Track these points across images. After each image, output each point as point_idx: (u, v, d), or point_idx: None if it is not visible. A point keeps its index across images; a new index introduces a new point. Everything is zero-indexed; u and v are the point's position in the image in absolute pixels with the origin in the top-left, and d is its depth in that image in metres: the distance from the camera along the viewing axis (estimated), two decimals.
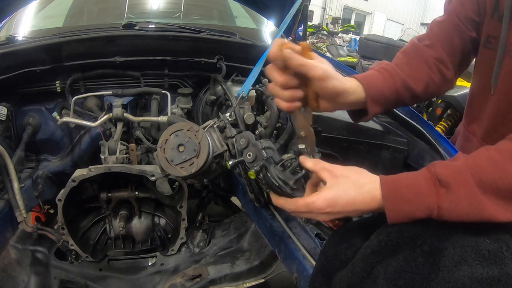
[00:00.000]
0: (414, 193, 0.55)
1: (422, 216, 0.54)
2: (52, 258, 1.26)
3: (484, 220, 0.52)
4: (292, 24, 1.75)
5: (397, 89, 0.77)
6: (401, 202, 0.55)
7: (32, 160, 1.35)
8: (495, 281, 0.45)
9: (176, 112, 1.38)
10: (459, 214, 0.52)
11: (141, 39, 1.37)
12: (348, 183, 0.60)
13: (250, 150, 0.69)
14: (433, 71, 0.83)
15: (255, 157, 0.67)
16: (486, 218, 0.51)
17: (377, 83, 0.75)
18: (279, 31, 1.21)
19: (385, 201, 0.56)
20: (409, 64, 0.82)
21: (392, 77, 0.78)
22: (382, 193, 0.57)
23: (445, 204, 0.52)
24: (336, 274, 0.63)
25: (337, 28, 10.83)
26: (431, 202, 0.53)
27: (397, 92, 0.77)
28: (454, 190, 0.52)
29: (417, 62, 0.83)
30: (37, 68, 1.23)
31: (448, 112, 3.72)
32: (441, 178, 0.54)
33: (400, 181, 0.57)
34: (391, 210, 0.56)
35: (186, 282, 1.21)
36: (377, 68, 0.80)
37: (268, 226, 1.00)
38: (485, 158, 0.54)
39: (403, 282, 0.51)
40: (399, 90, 0.78)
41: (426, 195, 0.54)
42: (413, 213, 0.54)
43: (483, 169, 0.53)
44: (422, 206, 0.54)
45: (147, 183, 1.19)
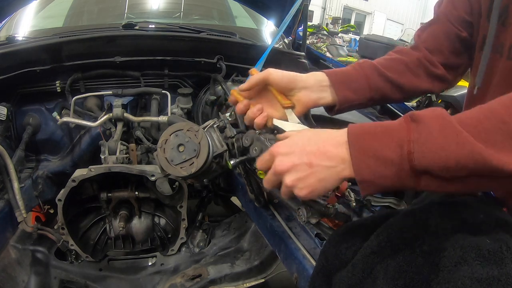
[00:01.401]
0: (382, 129, 0.49)
1: (391, 155, 0.47)
2: (52, 258, 1.26)
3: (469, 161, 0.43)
4: (292, 24, 1.75)
5: (367, 75, 0.78)
6: (368, 137, 0.49)
7: (32, 160, 1.35)
8: (495, 281, 0.45)
9: (176, 112, 1.38)
10: (433, 149, 0.45)
11: (141, 39, 1.37)
12: (308, 130, 0.60)
13: (255, 145, 0.70)
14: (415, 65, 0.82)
15: (260, 150, 0.68)
16: (470, 154, 0.43)
17: (341, 70, 0.77)
18: (279, 31, 1.21)
19: (350, 138, 0.50)
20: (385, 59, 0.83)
21: (360, 65, 0.79)
22: (348, 131, 0.51)
23: (415, 135, 0.46)
24: (336, 274, 0.63)
25: (337, 28, 10.84)
26: (401, 136, 0.47)
27: (367, 77, 0.77)
28: (427, 122, 0.46)
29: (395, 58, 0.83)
30: (37, 68, 1.23)
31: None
32: (414, 114, 0.48)
33: (369, 124, 0.52)
34: (355, 148, 0.49)
35: (186, 282, 1.21)
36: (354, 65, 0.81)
37: (268, 226, 1.00)
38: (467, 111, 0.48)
39: (403, 282, 0.51)
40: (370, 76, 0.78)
41: (395, 130, 0.48)
42: (380, 151, 0.48)
43: (465, 113, 0.47)
44: (390, 141, 0.47)
45: (147, 183, 1.19)
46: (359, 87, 0.77)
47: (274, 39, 1.26)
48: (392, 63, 0.82)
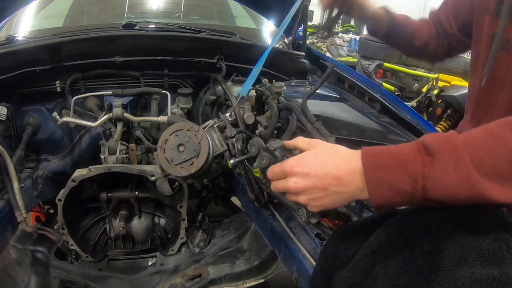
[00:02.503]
0: (397, 161, 0.50)
1: (406, 188, 0.49)
2: (52, 258, 1.26)
3: (475, 198, 0.47)
4: (292, 24, 1.75)
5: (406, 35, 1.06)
6: (383, 171, 0.50)
7: (32, 160, 1.35)
8: (495, 281, 0.45)
9: (176, 112, 1.38)
10: (447, 187, 0.47)
11: (141, 39, 1.37)
12: (322, 147, 0.59)
13: (262, 156, 0.69)
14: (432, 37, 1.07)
15: (268, 162, 0.67)
16: (478, 195, 0.46)
17: None
18: (279, 31, 1.21)
19: (365, 169, 0.52)
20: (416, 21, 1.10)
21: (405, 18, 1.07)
22: (362, 160, 0.52)
23: (431, 173, 0.47)
24: (336, 274, 0.63)
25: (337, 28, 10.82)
26: (416, 171, 0.48)
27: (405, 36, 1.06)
28: (441, 158, 0.47)
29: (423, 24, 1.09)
30: (37, 68, 1.23)
31: (448, 112, 3.73)
32: (427, 145, 0.49)
33: (383, 150, 0.53)
34: (372, 179, 0.51)
35: (186, 282, 1.21)
36: None
37: (268, 226, 1.00)
38: (480, 130, 0.49)
39: (403, 282, 0.51)
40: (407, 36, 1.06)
41: (410, 162, 0.49)
42: (396, 183, 0.50)
43: (476, 139, 0.48)
44: (405, 175, 0.49)
45: (147, 183, 1.19)
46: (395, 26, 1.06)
47: (274, 39, 1.26)
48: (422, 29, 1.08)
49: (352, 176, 0.54)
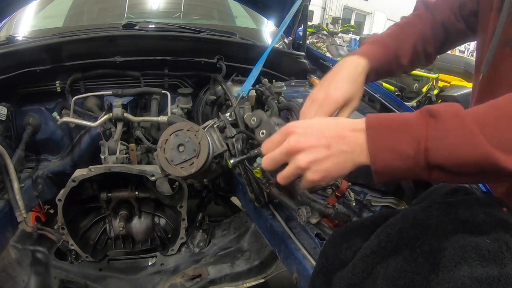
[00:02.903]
0: (400, 123, 0.49)
1: (408, 150, 0.48)
2: (52, 258, 1.26)
3: (481, 161, 0.45)
4: (292, 24, 1.75)
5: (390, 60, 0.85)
6: (385, 131, 0.49)
7: (32, 160, 1.35)
8: (495, 281, 0.45)
9: (176, 112, 1.38)
10: (449, 147, 0.46)
11: (141, 39, 1.37)
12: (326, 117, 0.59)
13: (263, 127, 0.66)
14: (418, 43, 0.89)
15: (269, 133, 0.64)
16: (484, 158, 0.44)
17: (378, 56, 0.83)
18: (279, 31, 1.21)
19: (368, 129, 0.50)
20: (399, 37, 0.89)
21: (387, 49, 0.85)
22: (366, 121, 0.51)
23: (433, 133, 0.47)
24: (336, 274, 0.63)
25: (337, 28, 10.82)
26: (418, 132, 0.47)
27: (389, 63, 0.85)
28: (444, 120, 0.47)
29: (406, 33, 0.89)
30: (37, 68, 1.23)
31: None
32: (431, 109, 0.48)
33: (386, 115, 0.52)
34: (374, 139, 0.49)
35: (186, 282, 1.21)
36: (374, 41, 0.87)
37: (268, 226, 1.00)
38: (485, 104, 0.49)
39: (403, 282, 0.51)
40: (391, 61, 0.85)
41: (413, 124, 0.48)
42: (398, 144, 0.48)
43: (479, 109, 0.47)
44: (408, 136, 0.48)
45: (147, 183, 1.19)
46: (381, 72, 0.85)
47: (274, 39, 1.26)
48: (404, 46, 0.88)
49: (356, 134, 0.51)
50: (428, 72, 4.10)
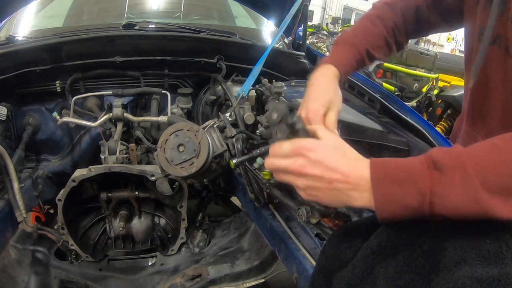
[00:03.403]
0: (405, 175, 0.50)
1: (413, 203, 0.49)
2: (52, 258, 1.26)
3: (480, 214, 0.47)
4: (292, 24, 1.75)
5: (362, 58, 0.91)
6: (391, 185, 0.50)
7: (32, 160, 1.35)
8: (495, 281, 0.45)
9: (176, 112, 1.38)
10: (453, 203, 0.48)
11: (141, 39, 1.37)
12: (340, 144, 0.58)
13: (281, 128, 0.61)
14: (390, 35, 0.94)
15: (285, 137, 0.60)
16: (482, 211, 0.47)
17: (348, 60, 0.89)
18: (279, 31, 1.21)
19: (373, 181, 0.51)
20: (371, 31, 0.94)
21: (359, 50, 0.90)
22: (370, 172, 0.52)
23: (438, 189, 0.48)
24: (336, 274, 0.63)
25: (337, 28, 10.81)
26: (424, 186, 0.48)
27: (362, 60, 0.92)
28: (449, 174, 0.48)
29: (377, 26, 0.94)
30: (37, 68, 1.23)
31: (448, 112, 3.73)
32: (436, 161, 0.49)
33: (391, 163, 0.52)
34: (380, 193, 0.51)
35: (186, 282, 1.21)
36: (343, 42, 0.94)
37: (268, 226, 1.00)
38: (486, 144, 0.50)
39: (403, 282, 0.51)
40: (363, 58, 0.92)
41: (418, 177, 0.49)
42: (403, 198, 0.49)
43: (482, 154, 0.48)
44: (413, 190, 0.49)
45: (147, 183, 1.19)
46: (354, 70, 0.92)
47: (274, 39, 1.26)
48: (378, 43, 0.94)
49: (358, 182, 0.53)
50: (428, 72, 4.10)
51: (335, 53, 0.91)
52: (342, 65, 0.87)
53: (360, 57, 0.91)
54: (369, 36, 0.92)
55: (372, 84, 1.40)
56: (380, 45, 0.93)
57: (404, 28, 0.95)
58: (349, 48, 0.91)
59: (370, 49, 0.91)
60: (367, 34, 0.93)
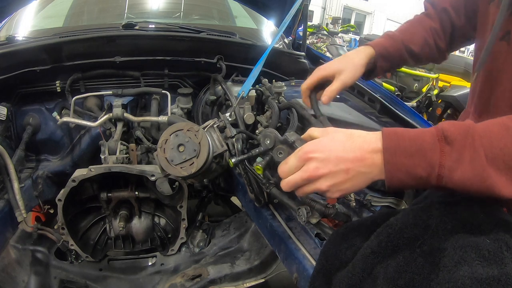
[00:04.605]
0: (417, 147, 0.51)
1: (422, 173, 0.51)
2: (52, 258, 1.26)
3: (486, 191, 0.49)
4: (292, 24, 1.76)
5: (399, 48, 0.95)
6: (402, 156, 0.52)
7: (32, 160, 1.35)
8: (495, 281, 0.45)
9: (176, 112, 1.38)
10: (460, 178, 0.49)
11: (141, 39, 1.37)
12: (337, 131, 0.59)
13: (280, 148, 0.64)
14: (429, 36, 0.97)
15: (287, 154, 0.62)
16: (488, 189, 0.48)
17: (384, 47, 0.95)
18: (279, 31, 1.21)
19: (385, 152, 0.53)
20: (409, 30, 0.99)
21: (393, 39, 0.96)
22: (382, 143, 0.53)
23: (448, 163, 0.50)
24: (336, 274, 0.63)
25: (337, 28, 10.82)
26: (434, 159, 0.50)
27: (399, 50, 0.96)
28: (459, 149, 0.49)
29: (416, 27, 0.99)
30: (37, 68, 1.23)
31: (448, 112, 3.73)
32: (447, 134, 0.50)
33: (404, 134, 0.53)
34: (391, 162, 0.52)
35: (186, 282, 1.21)
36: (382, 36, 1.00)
37: (268, 226, 1.00)
38: (496, 123, 0.51)
39: (403, 282, 0.51)
40: (400, 48, 0.96)
41: (429, 150, 0.51)
42: (413, 169, 0.51)
43: (491, 132, 0.49)
44: (424, 162, 0.51)
45: (147, 183, 1.19)
46: (393, 60, 0.96)
47: (274, 39, 1.26)
48: (416, 38, 0.97)
49: (374, 155, 0.54)
50: (428, 72, 4.10)
51: (376, 41, 0.97)
52: (378, 46, 0.93)
53: (396, 45, 0.95)
54: (406, 33, 0.98)
55: (372, 84, 1.40)
56: (418, 42, 0.97)
57: (443, 34, 0.98)
58: (386, 37, 0.97)
59: (406, 42, 0.95)
60: (404, 32, 0.98)
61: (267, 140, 0.66)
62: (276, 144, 0.65)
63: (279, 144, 0.64)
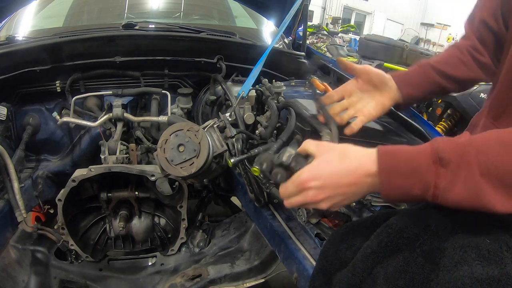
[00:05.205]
0: (412, 169, 0.52)
1: (417, 193, 0.52)
2: (52, 258, 1.26)
3: (480, 208, 0.49)
4: (292, 24, 1.75)
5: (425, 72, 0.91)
6: (397, 177, 0.53)
7: (32, 160, 1.35)
8: (495, 281, 0.45)
9: (176, 112, 1.38)
10: (455, 197, 0.50)
11: (141, 39, 1.37)
12: (333, 151, 0.59)
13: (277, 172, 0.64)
14: (464, 54, 0.91)
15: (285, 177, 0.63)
16: (483, 206, 0.49)
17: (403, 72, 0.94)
18: (279, 31, 1.21)
19: (380, 174, 0.54)
20: (441, 54, 0.96)
21: (419, 65, 0.93)
22: (378, 164, 0.54)
23: (442, 184, 0.50)
24: (336, 274, 0.63)
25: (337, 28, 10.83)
26: (429, 180, 0.51)
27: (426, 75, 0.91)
28: (454, 170, 0.50)
29: (449, 50, 0.95)
30: (37, 68, 1.23)
31: (448, 112, 3.72)
32: (442, 156, 0.51)
33: (399, 155, 0.54)
34: (386, 183, 0.54)
35: (186, 282, 1.21)
36: None
37: (268, 226, 1.00)
38: (493, 138, 0.51)
39: (403, 282, 0.51)
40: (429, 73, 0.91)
41: (424, 172, 0.51)
42: (408, 189, 0.53)
43: (488, 148, 0.50)
44: (419, 183, 0.52)
45: (147, 183, 1.19)
46: (420, 84, 0.91)
47: (274, 39, 1.26)
48: (447, 59, 0.93)
49: (367, 178, 0.56)
50: None
51: None
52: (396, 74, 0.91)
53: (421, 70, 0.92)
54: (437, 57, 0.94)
55: None
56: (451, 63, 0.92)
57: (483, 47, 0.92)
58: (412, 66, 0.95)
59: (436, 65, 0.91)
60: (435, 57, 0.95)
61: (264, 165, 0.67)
62: (273, 168, 0.65)
63: (276, 168, 0.65)
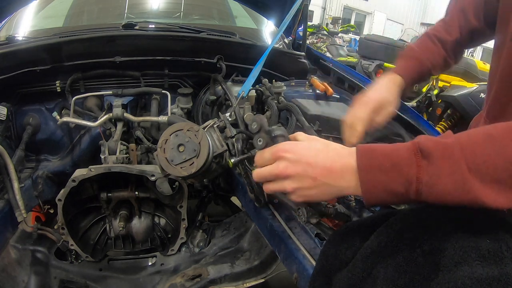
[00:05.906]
0: (392, 163, 0.50)
1: (400, 189, 0.50)
2: (52, 258, 1.26)
3: (470, 203, 0.47)
4: (292, 24, 1.75)
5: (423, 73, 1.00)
6: (378, 173, 0.51)
7: (32, 160, 1.35)
8: (495, 281, 0.45)
9: (176, 112, 1.38)
10: (440, 192, 0.48)
11: (141, 39, 1.37)
12: (319, 141, 0.59)
13: (261, 136, 0.65)
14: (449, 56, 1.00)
15: (265, 144, 0.63)
16: (472, 201, 0.47)
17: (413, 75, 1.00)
18: (279, 31, 1.21)
19: (360, 169, 0.52)
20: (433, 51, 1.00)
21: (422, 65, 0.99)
22: (357, 160, 0.53)
23: (425, 178, 0.48)
24: (336, 274, 0.63)
25: (337, 28, 10.82)
26: (410, 174, 0.49)
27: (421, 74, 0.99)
28: (437, 163, 0.48)
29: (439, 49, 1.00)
30: (37, 68, 1.23)
31: (448, 112, 3.72)
32: (423, 149, 0.49)
33: (378, 150, 0.52)
34: (366, 180, 0.52)
35: (186, 282, 1.21)
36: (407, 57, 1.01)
37: (268, 226, 1.00)
38: (480, 133, 0.49)
39: (403, 282, 0.51)
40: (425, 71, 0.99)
41: (405, 165, 0.49)
42: (390, 185, 0.50)
43: (475, 143, 0.48)
44: (400, 178, 0.49)
45: (147, 183, 1.19)
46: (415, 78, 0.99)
47: (274, 39, 1.26)
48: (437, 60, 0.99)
49: (344, 171, 0.54)
50: None
51: (401, 64, 0.99)
52: (407, 78, 0.96)
53: (421, 71, 0.98)
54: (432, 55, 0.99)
55: None
56: (440, 64, 1.00)
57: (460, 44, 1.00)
58: (414, 61, 0.99)
59: (431, 66, 0.98)
60: (431, 53, 0.99)
61: (254, 124, 0.67)
62: (261, 131, 0.66)
63: (263, 132, 0.65)
